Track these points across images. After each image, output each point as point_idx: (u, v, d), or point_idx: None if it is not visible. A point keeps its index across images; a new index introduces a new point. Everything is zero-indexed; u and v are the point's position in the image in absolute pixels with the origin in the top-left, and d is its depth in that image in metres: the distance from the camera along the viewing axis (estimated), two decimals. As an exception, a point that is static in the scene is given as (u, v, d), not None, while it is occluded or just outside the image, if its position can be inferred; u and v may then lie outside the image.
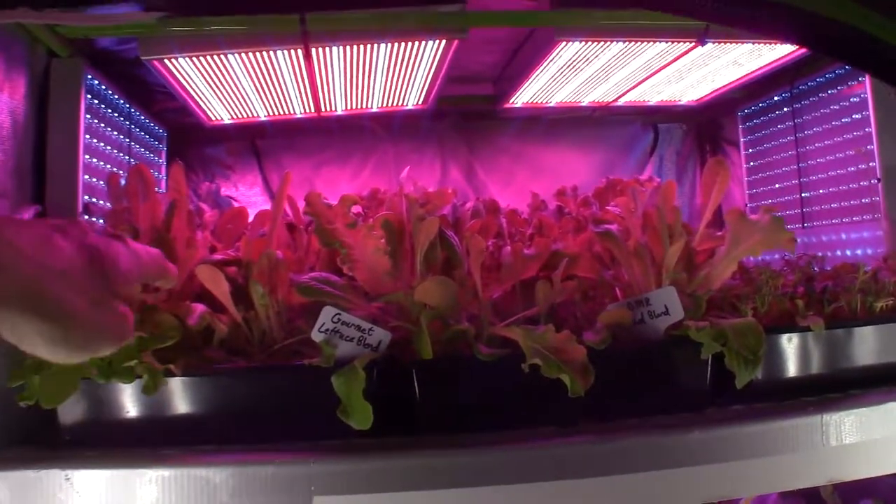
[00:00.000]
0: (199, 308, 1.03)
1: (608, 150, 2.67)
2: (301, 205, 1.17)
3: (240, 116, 1.97)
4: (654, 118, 2.67)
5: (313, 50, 1.47)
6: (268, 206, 1.72)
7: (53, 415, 0.98)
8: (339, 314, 0.99)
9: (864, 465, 1.09)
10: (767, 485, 1.06)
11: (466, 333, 1.00)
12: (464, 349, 1.01)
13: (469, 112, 2.40)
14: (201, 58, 1.48)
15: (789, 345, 1.14)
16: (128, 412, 0.98)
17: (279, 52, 1.48)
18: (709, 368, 1.09)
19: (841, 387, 1.16)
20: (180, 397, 0.99)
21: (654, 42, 1.61)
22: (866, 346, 1.20)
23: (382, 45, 1.50)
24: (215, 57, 1.48)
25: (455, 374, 1.02)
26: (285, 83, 1.67)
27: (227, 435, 0.98)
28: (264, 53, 1.48)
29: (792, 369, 1.15)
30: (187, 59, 1.47)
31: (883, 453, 1.09)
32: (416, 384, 1.00)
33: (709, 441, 1.00)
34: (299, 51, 1.47)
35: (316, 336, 0.99)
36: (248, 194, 2.37)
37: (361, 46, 1.49)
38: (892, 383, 1.18)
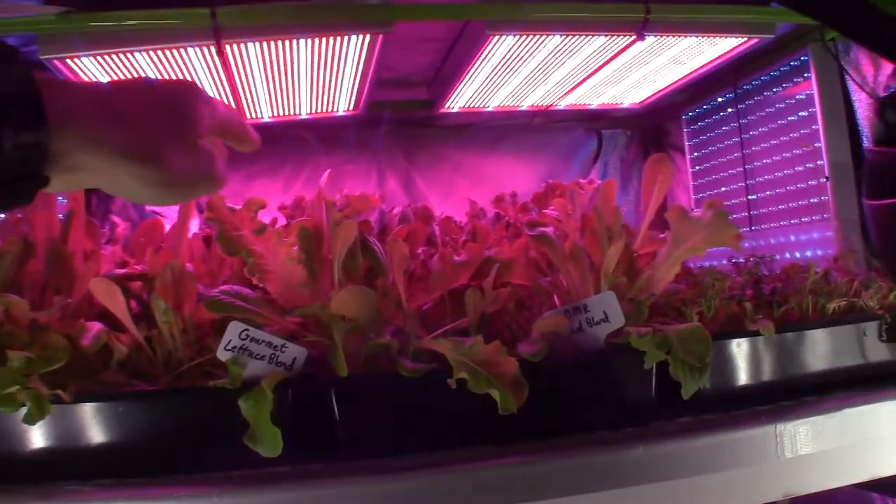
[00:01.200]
0: (96, 327, 0.95)
1: (551, 157, 2.63)
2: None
3: (158, 124, 1.86)
4: (598, 124, 2.64)
5: (228, 47, 1.38)
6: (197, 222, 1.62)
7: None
8: (247, 330, 0.92)
9: (822, 476, 1.05)
10: (720, 502, 1.00)
11: (389, 347, 0.93)
12: (387, 365, 0.93)
13: (405, 119, 2.33)
14: (107, 57, 1.38)
15: (738, 350, 1.10)
16: (17, 444, 0.89)
17: (191, 50, 1.39)
18: (653, 378, 1.03)
19: (794, 394, 1.11)
20: (77, 426, 0.90)
21: (592, 36, 1.56)
22: (819, 349, 1.17)
23: (303, 41, 1.42)
24: (122, 55, 1.38)
25: (377, 393, 0.94)
26: (202, 85, 1.58)
27: (130, 466, 0.89)
28: (175, 51, 1.39)
29: (742, 376, 1.11)
30: (92, 58, 1.38)
31: (842, 463, 1.06)
32: (334, 405, 0.92)
33: (655, 457, 0.94)
34: (213, 48, 1.37)
35: (222, 355, 0.91)
36: (175, 209, 2.25)
37: (280, 42, 1.41)
38: (848, 388, 1.14)
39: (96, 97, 0.57)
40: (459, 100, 2.04)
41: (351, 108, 1.94)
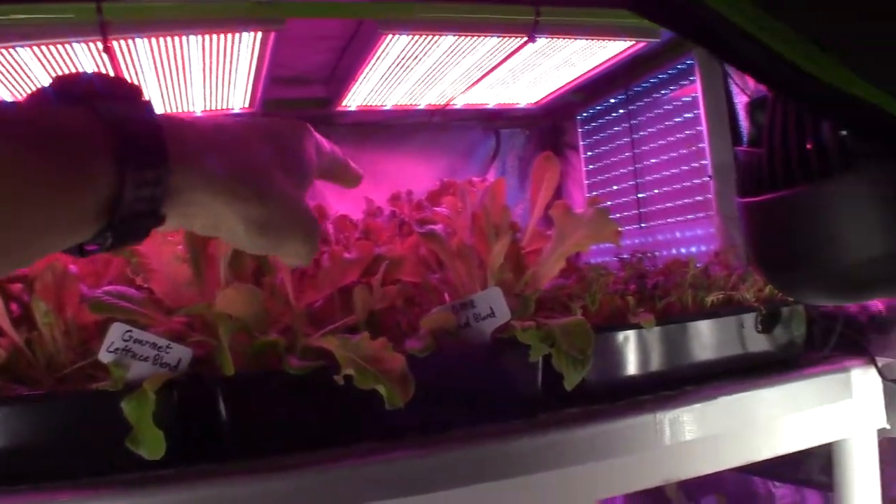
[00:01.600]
0: (-27, 332, 0.91)
1: (450, 156, 2.64)
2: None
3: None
4: (496, 124, 2.66)
5: (115, 43, 1.35)
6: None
7: None
8: (130, 331, 0.90)
9: (702, 461, 1.09)
10: (605, 489, 1.06)
11: (276, 345, 0.92)
12: (275, 363, 0.92)
13: (302, 117, 2.28)
14: (-11, 53, 1.33)
15: (621, 343, 1.12)
16: None
17: (77, 46, 1.35)
18: (539, 371, 1.05)
19: (677, 384, 1.15)
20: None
21: (484, 37, 1.58)
22: (699, 340, 1.20)
23: (193, 38, 1.39)
24: (5, 51, 1.33)
25: (263, 391, 0.94)
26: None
27: (12, 473, 0.87)
28: (60, 47, 1.35)
29: (626, 368, 1.13)
30: (-28, 54, 1.33)
31: (720, 448, 1.10)
32: (221, 404, 0.91)
33: (541, 447, 0.96)
34: (99, 44, 1.34)
35: (104, 357, 0.89)
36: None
37: (169, 39, 1.39)
38: (726, 377, 1.18)
39: (205, 133, 0.55)
40: (356, 98, 2.04)
41: (246, 105, 1.92)
